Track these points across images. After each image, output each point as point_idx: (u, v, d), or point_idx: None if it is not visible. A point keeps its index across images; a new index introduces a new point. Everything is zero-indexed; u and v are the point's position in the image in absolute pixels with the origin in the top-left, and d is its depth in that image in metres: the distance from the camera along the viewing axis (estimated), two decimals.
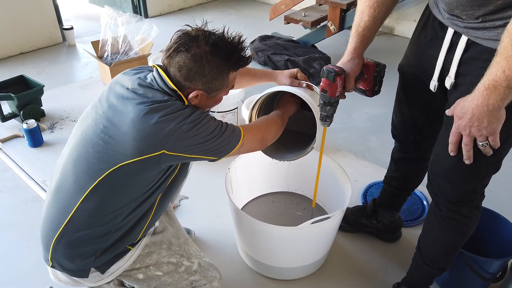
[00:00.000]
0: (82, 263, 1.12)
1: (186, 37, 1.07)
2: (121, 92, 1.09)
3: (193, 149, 1.06)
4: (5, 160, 2.21)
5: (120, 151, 1.02)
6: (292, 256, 1.51)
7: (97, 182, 1.04)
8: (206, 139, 1.06)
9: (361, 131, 2.65)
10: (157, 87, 1.08)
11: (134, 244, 1.19)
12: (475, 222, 1.24)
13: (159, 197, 1.18)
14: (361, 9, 1.17)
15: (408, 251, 1.66)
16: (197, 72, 1.07)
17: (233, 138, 1.13)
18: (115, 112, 1.06)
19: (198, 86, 1.09)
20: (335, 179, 1.62)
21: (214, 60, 1.07)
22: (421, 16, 1.21)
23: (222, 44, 1.07)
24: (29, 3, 3.51)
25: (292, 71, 1.41)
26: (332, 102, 1.18)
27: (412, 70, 1.25)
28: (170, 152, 1.03)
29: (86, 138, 1.08)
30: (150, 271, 1.22)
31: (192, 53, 1.05)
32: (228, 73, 1.11)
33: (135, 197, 1.10)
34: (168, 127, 1.02)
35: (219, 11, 4.80)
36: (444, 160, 1.13)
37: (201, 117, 1.07)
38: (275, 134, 1.30)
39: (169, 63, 1.08)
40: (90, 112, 1.13)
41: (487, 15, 0.95)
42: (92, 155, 1.05)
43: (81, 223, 1.08)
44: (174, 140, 1.02)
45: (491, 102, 0.90)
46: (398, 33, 4.13)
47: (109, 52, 2.75)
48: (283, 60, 3.26)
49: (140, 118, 1.02)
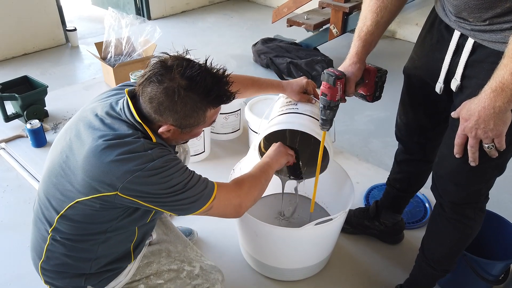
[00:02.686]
0: (73, 283, 1.10)
1: (160, 66, 0.96)
2: (90, 118, 1.01)
3: (147, 198, 0.96)
4: (8, 160, 2.21)
5: (75, 185, 0.96)
6: (295, 258, 1.51)
7: (60, 215, 1.00)
8: (165, 192, 0.95)
9: (363, 134, 2.65)
10: (125, 118, 0.99)
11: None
12: (479, 224, 1.24)
13: (136, 229, 1.11)
14: (364, 13, 1.17)
15: (410, 253, 1.66)
16: (168, 107, 0.96)
17: (198, 198, 1.00)
18: (78, 141, 0.98)
19: (169, 121, 0.98)
20: (337, 181, 1.63)
21: (189, 96, 0.95)
22: (427, 19, 1.22)
23: (200, 79, 0.95)
24: (33, 5, 3.52)
25: (301, 83, 1.36)
26: (332, 106, 1.18)
27: (418, 72, 1.26)
28: (123, 195, 0.94)
29: (52, 167, 1.02)
30: (151, 280, 1.20)
31: (164, 86, 0.94)
32: (205, 111, 1.00)
33: (103, 230, 1.04)
34: (123, 168, 0.92)
35: (221, 13, 4.81)
36: (449, 162, 1.13)
37: (165, 165, 0.95)
38: (257, 198, 1.17)
39: (141, 91, 0.98)
40: (61, 138, 1.06)
41: (494, 17, 0.95)
42: (56, 187, 1.00)
43: (58, 252, 1.06)
44: (129, 183, 0.92)
45: (498, 104, 0.91)
46: (400, 37, 4.14)
47: (113, 54, 2.76)
48: (285, 62, 3.27)
49: (96, 153, 0.93)
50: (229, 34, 4.24)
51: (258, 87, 1.37)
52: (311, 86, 1.39)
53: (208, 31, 4.33)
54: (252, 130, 2.13)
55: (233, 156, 2.21)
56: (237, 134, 2.40)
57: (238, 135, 2.41)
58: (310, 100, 1.37)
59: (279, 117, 1.35)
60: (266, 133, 1.33)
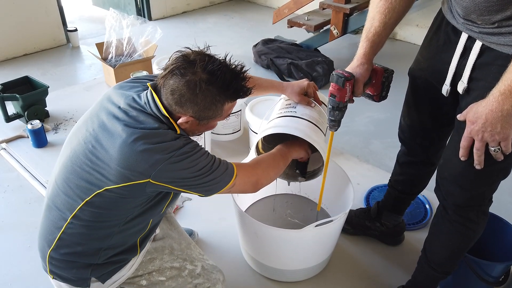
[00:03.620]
0: (79, 274, 1.11)
1: (183, 60, 1.01)
2: (113, 110, 1.04)
3: (179, 182, 1.02)
4: (9, 160, 2.21)
5: (105, 174, 0.99)
6: (296, 258, 1.51)
7: (85, 202, 1.02)
8: (194, 174, 1.01)
9: (364, 135, 2.65)
10: (150, 111, 1.03)
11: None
12: (482, 227, 1.24)
13: (150, 221, 1.16)
14: (372, 14, 1.17)
15: (410, 254, 1.66)
16: (189, 99, 1.01)
17: (223, 177, 1.07)
18: (104, 133, 1.01)
19: (189, 112, 1.03)
20: (338, 182, 1.63)
21: (209, 89, 1.00)
22: (433, 21, 1.22)
23: (220, 74, 1.01)
24: (34, 5, 3.53)
25: (303, 85, 1.37)
26: (341, 107, 1.19)
27: (423, 74, 1.26)
28: (156, 181, 0.99)
29: (75, 156, 1.04)
30: (153, 277, 1.21)
31: (187, 79, 0.99)
32: (224, 104, 1.05)
33: (124, 218, 1.07)
34: (156, 157, 0.97)
35: (222, 14, 4.82)
36: (454, 164, 1.13)
37: (192, 150, 1.01)
38: (273, 178, 1.24)
39: (163, 84, 1.03)
40: (81, 128, 1.09)
41: (503, 20, 0.95)
42: (80, 175, 1.02)
43: (71, 240, 1.07)
44: (161, 171, 0.98)
45: (506, 107, 0.91)
46: (400, 38, 4.14)
47: (113, 54, 2.76)
48: (286, 63, 3.28)
49: (128, 144, 0.97)
50: (229, 35, 4.25)
51: (258, 86, 1.38)
52: (312, 89, 1.39)
53: (209, 31, 4.33)
54: (252, 131, 2.13)
55: (234, 156, 2.21)
56: (237, 134, 2.40)
57: (239, 135, 2.42)
58: (310, 103, 1.38)
59: (276, 120, 1.35)
60: (262, 136, 1.35)
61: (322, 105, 1.41)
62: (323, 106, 1.41)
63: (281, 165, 1.26)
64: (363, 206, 1.93)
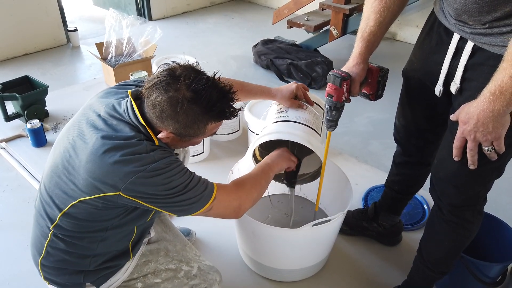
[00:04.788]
0: (72, 279, 1.11)
1: (168, 75, 0.97)
2: (92, 118, 1.02)
3: (149, 199, 0.97)
4: (8, 159, 2.22)
5: (78, 185, 0.98)
6: (293, 258, 1.51)
7: (62, 213, 1.01)
8: (166, 192, 0.97)
9: (362, 135, 2.66)
10: (128, 120, 1.00)
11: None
12: (477, 227, 1.25)
13: (135, 227, 1.13)
14: (367, 14, 1.18)
15: (408, 254, 1.66)
16: (169, 115, 0.97)
17: (199, 198, 1.02)
18: (81, 141, 0.99)
19: (169, 128, 1.00)
20: (336, 183, 1.63)
21: (191, 108, 0.96)
22: (426, 22, 1.22)
23: (205, 93, 0.96)
24: (34, 5, 3.54)
25: (291, 89, 1.36)
26: (338, 107, 1.19)
27: (417, 75, 1.26)
28: (126, 195, 0.96)
29: (55, 166, 1.03)
30: (149, 279, 1.21)
31: (169, 95, 0.95)
32: (206, 124, 1.01)
33: (104, 228, 1.06)
34: (126, 169, 0.93)
35: (222, 14, 4.82)
36: (448, 165, 1.13)
37: (167, 167, 0.97)
38: (256, 200, 1.18)
39: (146, 95, 0.99)
40: (63, 136, 1.07)
41: (494, 21, 0.96)
42: (58, 185, 1.02)
43: (58, 248, 1.07)
44: (131, 184, 0.94)
45: (497, 107, 0.91)
46: (400, 39, 4.15)
47: (113, 54, 2.77)
48: (285, 64, 3.28)
49: (99, 155, 0.94)
50: (229, 35, 4.25)
51: (247, 92, 1.37)
52: (301, 91, 1.39)
53: (209, 32, 4.33)
54: (251, 131, 2.14)
55: (232, 156, 2.21)
56: (236, 135, 2.41)
57: (238, 136, 2.42)
58: (301, 105, 1.38)
59: (270, 126, 1.35)
60: (257, 144, 1.34)
61: (314, 105, 1.41)
62: (315, 106, 1.42)
63: (263, 183, 1.21)
64: (362, 207, 1.93)
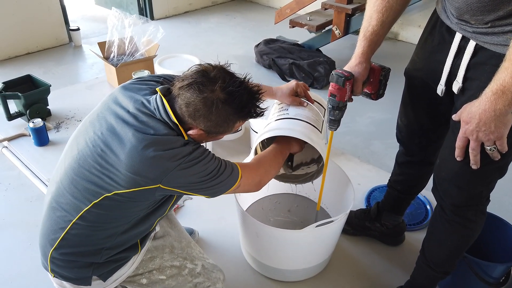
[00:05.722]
0: (80, 273, 1.12)
1: (203, 76, 1.02)
2: (122, 114, 1.04)
3: (188, 187, 1.04)
4: (11, 158, 2.22)
5: (115, 179, 1.00)
6: (296, 258, 1.51)
7: (92, 204, 1.03)
8: (202, 179, 1.03)
9: (364, 135, 2.65)
10: (159, 117, 1.03)
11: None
12: (480, 227, 1.24)
13: (156, 220, 1.18)
14: (369, 13, 1.17)
15: (411, 254, 1.66)
16: (203, 114, 1.02)
17: (229, 180, 1.10)
18: (113, 137, 1.01)
19: (200, 126, 1.04)
20: (338, 183, 1.63)
21: (224, 109, 1.02)
22: (428, 21, 1.22)
23: (238, 95, 1.02)
24: (37, 4, 3.54)
25: (291, 87, 1.37)
26: (341, 106, 1.19)
27: (419, 74, 1.26)
28: (166, 187, 1.01)
29: (82, 159, 1.04)
30: (154, 275, 1.22)
31: (204, 96, 1.00)
32: (235, 122, 1.08)
33: (129, 219, 1.09)
34: (166, 163, 0.98)
35: (224, 14, 4.82)
36: (450, 164, 1.13)
37: (201, 156, 1.03)
38: (274, 175, 1.27)
39: (179, 94, 1.03)
40: (88, 129, 1.08)
41: (496, 20, 0.95)
42: (88, 178, 1.03)
43: (75, 240, 1.08)
44: (171, 177, 0.99)
45: (499, 107, 0.91)
46: (402, 39, 4.14)
47: (115, 53, 2.77)
48: (287, 63, 3.28)
49: (139, 150, 0.97)
50: (231, 35, 4.25)
51: None
52: (301, 88, 1.39)
53: (211, 31, 4.33)
54: (253, 131, 2.14)
55: (235, 156, 2.21)
56: (239, 134, 2.41)
57: (240, 135, 2.42)
58: (301, 103, 1.38)
59: (272, 124, 1.36)
60: (258, 142, 1.36)
61: (314, 103, 1.41)
62: (315, 104, 1.41)
63: (280, 161, 1.29)
64: (364, 207, 1.93)
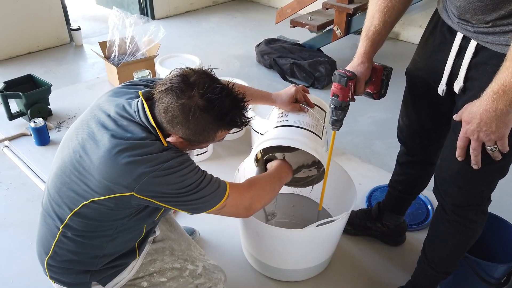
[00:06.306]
0: (79, 279, 1.11)
1: (182, 81, 0.96)
2: (102, 119, 1.01)
3: (163, 198, 0.98)
4: (12, 158, 2.22)
5: (91, 185, 0.97)
6: (297, 258, 1.51)
7: (73, 212, 1.01)
8: (179, 191, 0.97)
9: (366, 135, 2.65)
10: (138, 120, 0.99)
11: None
12: (481, 226, 1.24)
13: (144, 226, 1.14)
14: (371, 13, 1.17)
15: (412, 254, 1.66)
16: (180, 122, 0.96)
17: (213, 197, 1.02)
18: (91, 142, 0.98)
19: (179, 133, 0.99)
20: (340, 183, 1.63)
21: (203, 117, 0.96)
22: (430, 21, 1.22)
23: (218, 103, 0.96)
24: (38, 4, 3.54)
25: (290, 93, 1.35)
26: (344, 106, 1.19)
27: (420, 74, 1.26)
28: (140, 195, 0.96)
29: (64, 166, 1.03)
30: (154, 278, 1.21)
31: (182, 102, 0.94)
32: (217, 131, 1.02)
33: (114, 228, 1.06)
34: (140, 169, 0.93)
35: (225, 14, 4.82)
36: (451, 164, 1.13)
37: (180, 165, 0.97)
38: (267, 202, 1.19)
39: (158, 98, 0.98)
40: (72, 136, 1.06)
41: (497, 19, 0.95)
42: (68, 185, 1.01)
43: (66, 248, 1.07)
44: (145, 184, 0.94)
45: (500, 107, 0.91)
46: (403, 39, 4.14)
47: (116, 53, 2.77)
48: (288, 63, 3.28)
49: (112, 155, 0.94)
50: (232, 35, 4.25)
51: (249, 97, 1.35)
52: (300, 94, 1.37)
53: (212, 31, 4.33)
54: (254, 131, 2.13)
55: (236, 156, 2.21)
56: (239, 134, 2.41)
57: (241, 135, 2.42)
58: (302, 108, 1.37)
59: (271, 132, 1.35)
60: (258, 150, 1.34)
61: (314, 107, 1.40)
62: (316, 108, 1.41)
63: (276, 188, 1.22)
64: (365, 207, 1.93)
